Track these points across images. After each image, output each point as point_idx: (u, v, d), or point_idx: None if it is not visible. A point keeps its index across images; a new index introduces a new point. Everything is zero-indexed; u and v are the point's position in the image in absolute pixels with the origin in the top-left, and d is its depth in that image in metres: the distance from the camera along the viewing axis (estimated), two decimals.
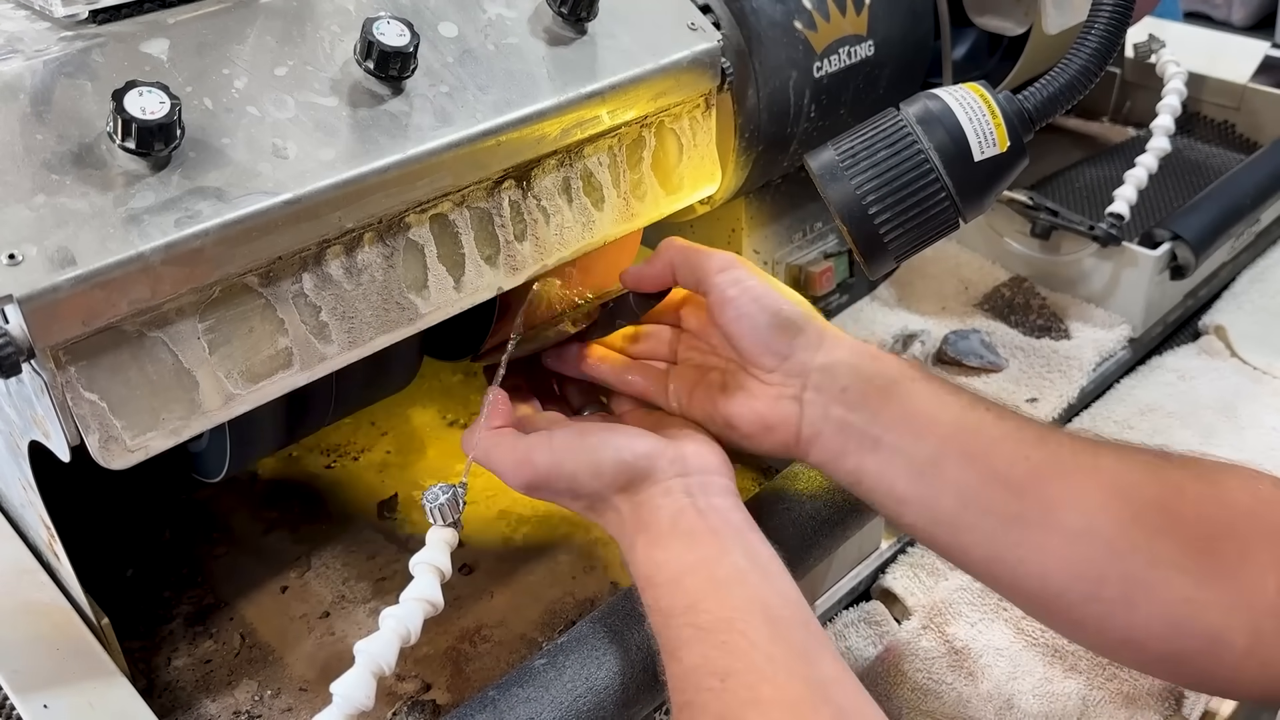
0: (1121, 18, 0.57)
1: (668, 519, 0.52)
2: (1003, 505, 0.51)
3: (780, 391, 0.57)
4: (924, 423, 0.54)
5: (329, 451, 0.78)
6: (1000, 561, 0.52)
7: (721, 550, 0.51)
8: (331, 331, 0.52)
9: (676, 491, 0.54)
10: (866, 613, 0.69)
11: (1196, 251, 0.90)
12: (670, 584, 0.50)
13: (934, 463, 0.53)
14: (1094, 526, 0.49)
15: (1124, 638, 0.49)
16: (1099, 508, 0.50)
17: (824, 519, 0.61)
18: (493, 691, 0.52)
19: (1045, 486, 0.51)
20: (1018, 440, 0.53)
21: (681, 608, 0.49)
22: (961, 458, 0.53)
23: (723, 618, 0.48)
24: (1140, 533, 0.49)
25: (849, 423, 0.55)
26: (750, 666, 0.46)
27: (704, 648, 0.47)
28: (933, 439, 0.53)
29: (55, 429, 0.46)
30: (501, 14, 0.59)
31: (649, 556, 0.52)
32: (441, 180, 0.54)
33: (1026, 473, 0.51)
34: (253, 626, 0.65)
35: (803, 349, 0.56)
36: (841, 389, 0.55)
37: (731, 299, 0.57)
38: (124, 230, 0.45)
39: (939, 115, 0.57)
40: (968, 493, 0.52)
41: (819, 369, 0.56)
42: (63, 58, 0.48)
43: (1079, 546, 0.49)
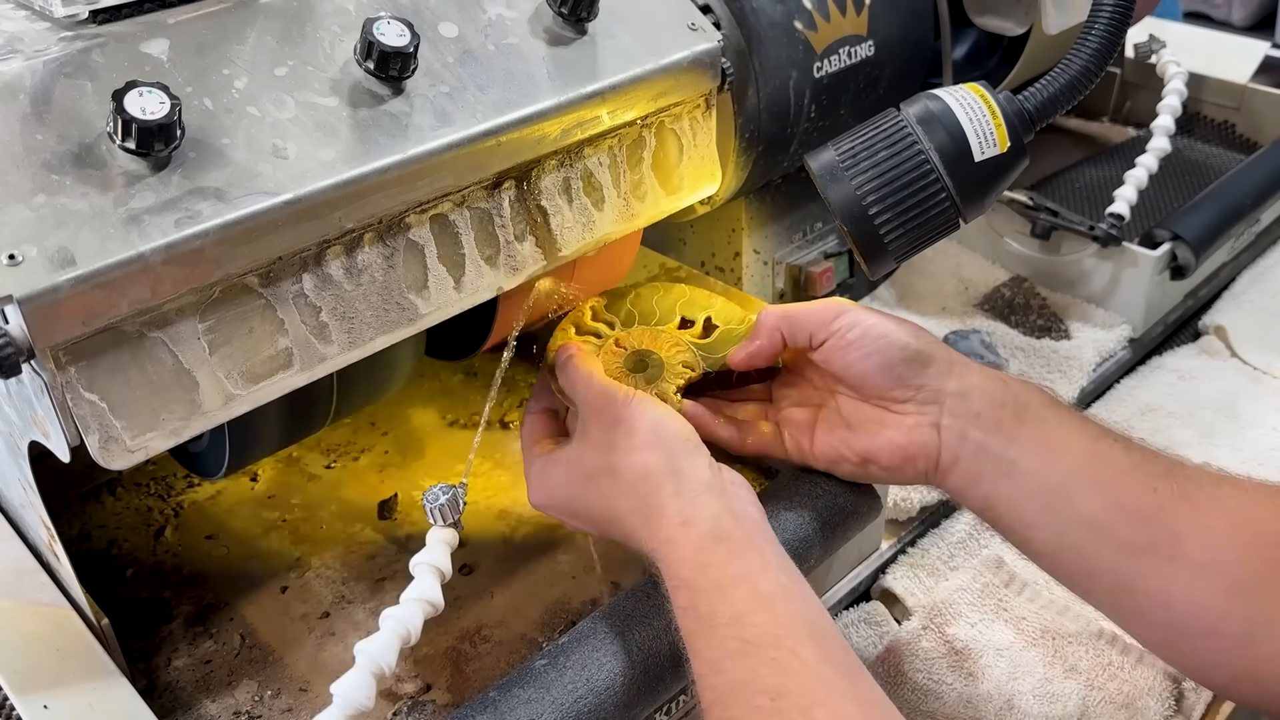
0: (1122, 18, 0.57)
1: (709, 517, 0.51)
2: (1130, 535, 0.51)
3: (917, 420, 0.57)
4: (1056, 448, 0.54)
5: (329, 451, 0.78)
6: (1125, 592, 0.52)
7: (764, 563, 0.50)
8: (331, 332, 0.52)
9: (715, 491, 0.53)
10: (866, 613, 0.69)
11: (1196, 251, 0.90)
12: (713, 590, 0.49)
13: (1064, 489, 0.53)
14: (1218, 560, 0.49)
15: (1244, 673, 0.49)
16: (1224, 541, 0.50)
17: (824, 519, 0.60)
18: (493, 692, 0.51)
19: (1171, 518, 0.51)
20: (1145, 471, 0.53)
21: (726, 618, 0.48)
22: (1091, 485, 0.53)
23: (771, 634, 0.47)
24: (1264, 568, 0.49)
25: (985, 446, 0.55)
26: (802, 688, 0.45)
27: (752, 663, 0.46)
28: (1064, 464, 0.53)
29: (55, 429, 0.46)
30: (501, 14, 0.59)
31: (691, 557, 0.51)
32: (441, 180, 0.54)
33: (1154, 504, 0.51)
34: (253, 626, 0.65)
35: (934, 377, 0.56)
36: (976, 414, 0.55)
37: (855, 341, 0.57)
38: (124, 230, 0.45)
39: (939, 115, 0.57)
40: (1095, 521, 0.52)
41: (953, 395, 0.56)
42: (63, 58, 0.48)
43: (1203, 579, 0.49)
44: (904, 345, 0.57)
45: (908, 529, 0.75)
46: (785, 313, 0.60)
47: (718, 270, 0.88)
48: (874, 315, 0.58)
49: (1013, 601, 0.68)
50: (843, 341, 0.58)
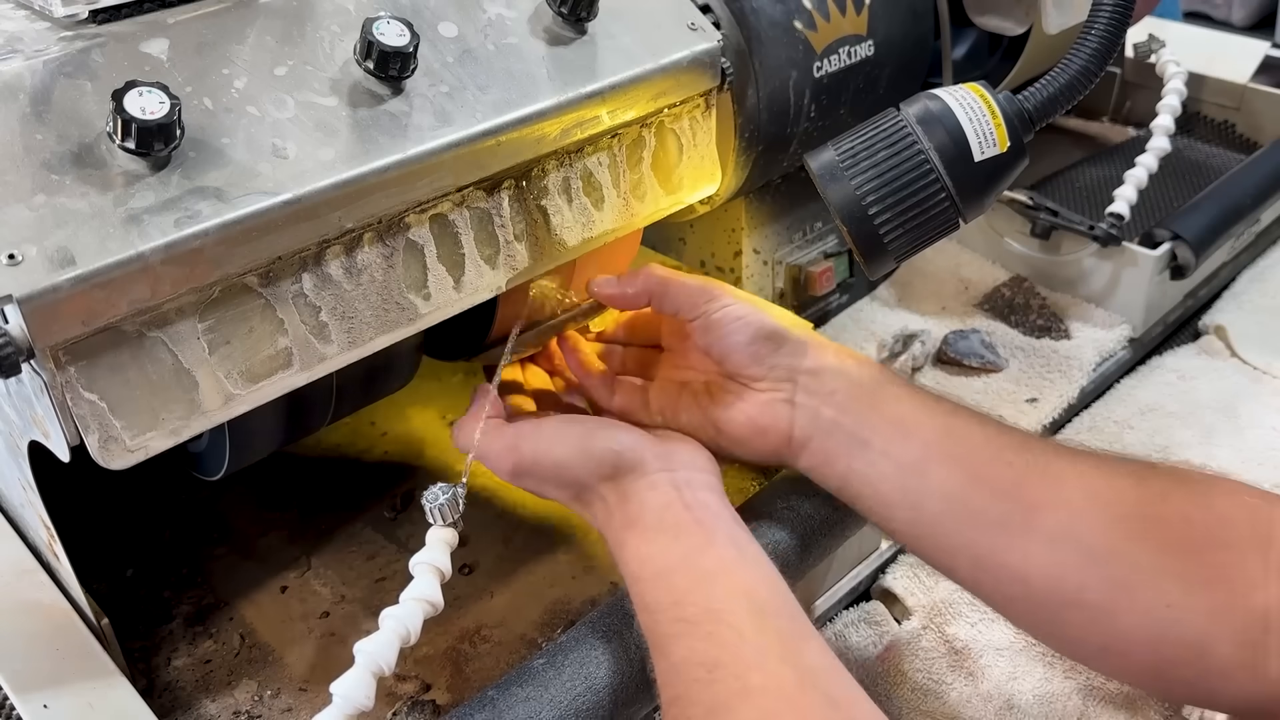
0: (1122, 18, 0.57)
1: (654, 512, 0.53)
2: (986, 509, 0.52)
3: (771, 396, 0.58)
4: (910, 426, 0.55)
5: (329, 451, 0.78)
6: (983, 566, 0.52)
7: (707, 541, 0.51)
8: (331, 331, 0.52)
9: (663, 485, 0.54)
10: (866, 613, 0.69)
11: (1196, 251, 0.90)
12: (655, 578, 0.50)
13: (919, 465, 0.54)
14: (1074, 531, 0.50)
15: (1105, 644, 0.49)
16: (1080, 512, 0.50)
17: (824, 519, 0.61)
18: (492, 691, 0.52)
19: (1027, 491, 0.51)
20: (1000, 445, 0.53)
21: (668, 603, 0.49)
22: (946, 461, 0.53)
23: (709, 609, 0.48)
24: (1122, 538, 0.49)
25: (839, 424, 0.56)
26: (738, 657, 0.46)
27: (691, 640, 0.47)
28: (918, 441, 0.54)
29: (55, 429, 0.46)
30: (501, 14, 0.59)
31: (635, 553, 0.52)
32: (441, 180, 0.54)
33: (1009, 477, 0.52)
34: (253, 626, 0.65)
35: (788, 355, 0.58)
36: (830, 392, 0.57)
37: (716, 322, 0.59)
38: (124, 230, 0.45)
39: (939, 115, 0.57)
40: (952, 496, 0.53)
41: (807, 372, 0.58)
42: (63, 58, 0.48)
43: (1059, 551, 0.50)
44: (759, 325, 0.59)
45: None
46: (665, 279, 0.62)
47: (718, 270, 0.88)
48: (741, 299, 0.60)
49: None
50: (707, 321, 0.60)
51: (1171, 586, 0.47)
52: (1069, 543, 0.50)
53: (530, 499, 0.73)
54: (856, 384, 0.57)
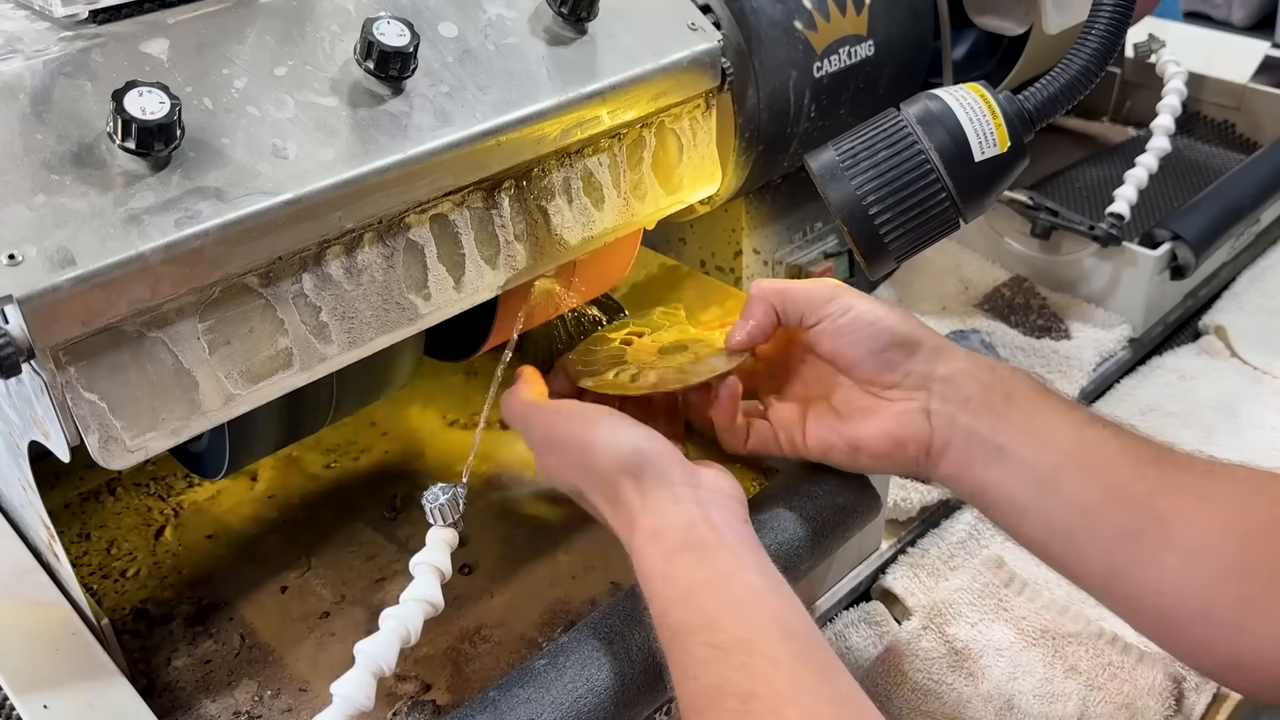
0: (1122, 18, 0.57)
1: (679, 529, 0.51)
2: (1120, 520, 0.51)
3: (906, 406, 0.57)
4: (1046, 433, 0.54)
5: (329, 451, 0.78)
6: (1115, 577, 0.52)
7: (737, 567, 0.50)
8: (331, 332, 0.52)
9: (687, 500, 0.52)
10: (866, 613, 0.69)
11: (1196, 251, 0.90)
12: (683, 599, 0.49)
13: (1055, 474, 0.53)
14: (1209, 546, 0.49)
15: (1232, 660, 0.49)
16: (1214, 528, 0.50)
17: (824, 519, 0.60)
18: (493, 692, 0.51)
19: (1162, 504, 0.51)
20: (1135, 457, 0.53)
21: (696, 625, 0.48)
22: (1081, 470, 0.53)
23: (741, 638, 0.47)
24: (1254, 553, 0.49)
25: (975, 431, 0.55)
26: (773, 690, 0.45)
27: (723, 669, 0.46)
28: (1054, 450, 0.53)
29: (55, 429, 0.46)
30: (501, 14, 0.59)
31: (660, 568, 0.50)
32: (441, 180, 0.53)
33: (1144, 490, 0.51)
34: (253, 626, 0.65)
35: (923, 362, 0.56)
36: (965, 398, 0.55)
37: (844, 327, 0.57)
38: (124, 230, 0.45)
39: (939, 115, 0.57)
40: (1086, 506, 0.52)
41: (941, 379, 0.56)
42: (63, 58, 0.48)
43: (1193, 565, 0.49)
44: (893, 330, 0.57)
45: (908, 529, 0.74)
46: (780, 288, 0.60)
47: (718, 270, 0.88)
48: (866, 300, 0.58)
49: (1013, 601, 0.68)
50: (834, 325, 0.58)
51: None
52: (1203, 558, 0.49)
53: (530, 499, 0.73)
54: (990, 389, 0.55)
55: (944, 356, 0.57)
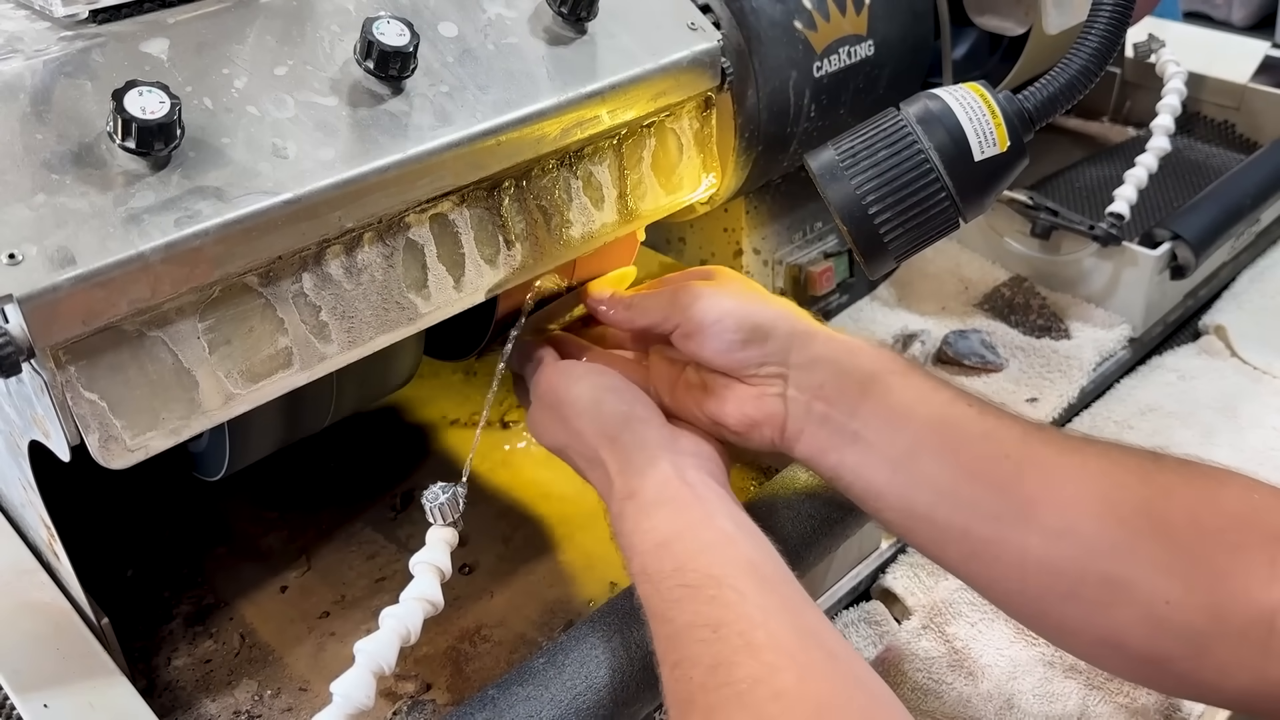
0: (1121, 18, 0.57)
1: (654, 486, 0.53)
2: (980, 502, 0.51)
3: (763, 390, 0.58)
4: (900, 417, 0.54)
5: (329, 451, 0.78)
6: (977, 559, 0.52)
7: (707, 514, 0.51)
8: (331, 331, 0.52)
9: (663, 463, 0.54)
10: (866, 613, 0.69)
11: (1196, 251, 0.90)
12: (657, 549, 0.50)
13: (910, 457, 0.53)
14: (1073, 526, 0.49)
15: (1102, 637, 0.49)
16: (1079, 508, 0.49)
17: (824, 519, 0.61)
18: (493, 690, 0.52)
19: (1024, 485, 0.51)
20: (999, 438, 0.52)
21: (669, 569, 0.49)
22: (938, 453, 0.53)
23: (711, 575, 0.48)
24: (1122, 533, 0.48)
25: (829, 417, 0.56)
26: (741, 615, 0.46)
27: (694, 604, 0.47)
28: (909, 433, 0.54)
29: (55, 429, 0.46)
30: (501, 14, 0.59)
31: (636, 524, 0.52)
32: (441, 180, 0.54)
33: (1006, 471, 0.51)
34: (253, 626, 0.65)
35: (777, 350, 0.57)
36: (819, 385, 0.56)
37: (695, 329, 0.59)
38: (124, 230, 0.45)
39: (939, 115, 0.57)
40: (944, 488, 0.52)
41: (796, 367, 0.57)
42: (63, 58, 0.48)
43: (1057, 546, 0.49)
44: (737, 329, 0.58)
45: None
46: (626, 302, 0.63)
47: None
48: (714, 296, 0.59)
49: None
50: (685, 329, 0.59)
51: (1172, 584, 0.47)
52: (1067, 538, 0.49)
53: (530, 498, 0.74)
54: (847, 375, 0.56)
55: (799, 343, 0.57)
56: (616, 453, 0.55)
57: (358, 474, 0.76)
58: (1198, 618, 0.46)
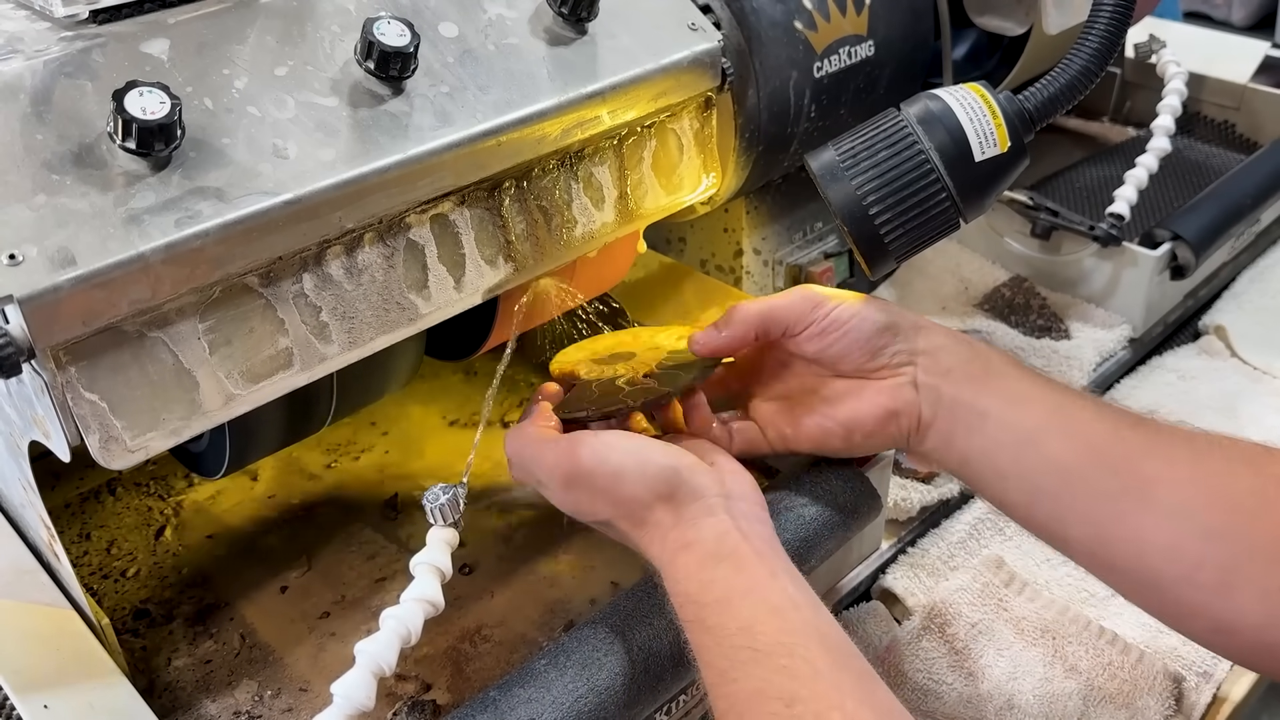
0: (1122, 18, 0.57)
1: (713, 538, 0.51)
2: (1101, 482, 0.52)
3: (895, 381, 0.59)
4: (1024, 398, 0.56)
5: (329, 451, 0.78)
6: (1098, 540, 0.53)
7: (771, 575, 0.50)
8: (332, 331, 0.52)
9: (720, 511, 0.52)
10: (866, 612, 0.69)
11: (1197, 251, 0.90)
12: (720, 604, 0.49)
13: (1035, 437, 0.54)
14: (1192, 509, 0.50)
15: (1218, 625, 0.50)
16: (1198, 492, 0.50)
17: (825, 519, 0.60)
18: (493, 692, 0.51)
19: (1144, 466, 0.52)
20: (1114, 421, 0.54)
21: (735, 629, 0.48)
22: (1061, 433, 0.54)
23: (781, 642, 0.47)
24: (1239, 519, 0.49)
25: (959, 400, 0.57)
26: (816, 693, 0.45)
27: (764, 671, 0.46)
28: (1034, 414, 0.55)
29: (55, 429, 0.46)
30: (501, 14, 0.59)
31: (695, 576, 0.50)
32: (442, 180, 0.53)
33: (1123, 452, 0.52)
34: (253, 626, 0.65)
35: (904, 341, 0.59)
36: (947, 369, 0.57)
37: (829, 327, 0.59)
38: (124, 230, 0.45)
39: (939, 115, 0.57)
40: (1068, 468, 0.53)
41: (924, 353, 0.58)
42: (63, 58, 0.48)
43: (1176, 526, 0.50)
44: (873, 320, 0.59)
45: (908, 529, 0.75)
46: (764, 311, 0.61)
47: (718, 270, 0.88)
48: (839, 297, 0.60)
49: (1013, 601, 0.68)
50: (818, 329, 0.59)
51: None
52: (1186, 519, 0.50)
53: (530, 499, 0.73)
54: (970, 360, 0.58)
55: (923, 333, 0.59)
56: (674, 507, 0.53)
57: (358, 474, 0.76)
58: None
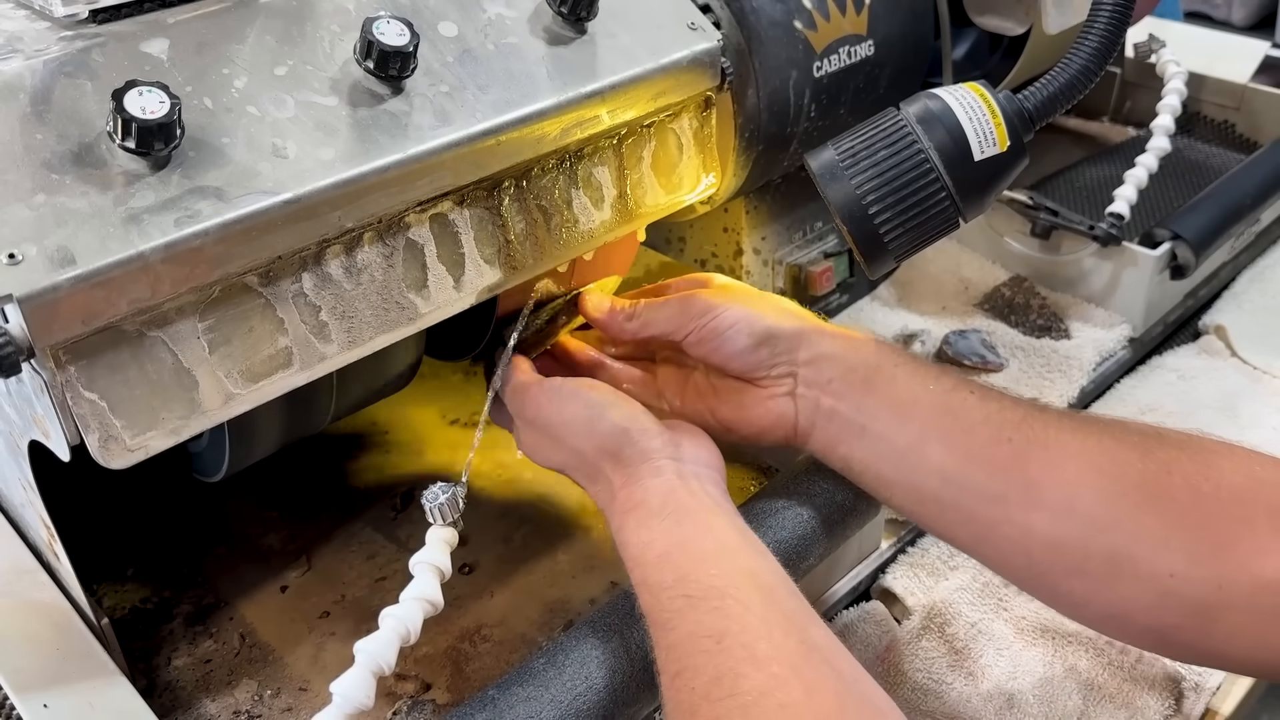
0: (1121, 18, 0.57)
1: (658, 498, 0.53)
2: (984, 485, 0.53)
3: (773, 392, 0.59)
4: (905, 406, 0.56)
5: (329, 451, 0.78)
6: (984, 539, 0.54)
7: (709, 525, 0.52)
8: (331, 331, 0.52)
9: (668, 473, 0.54)
10: (866, 613, 0.69)
11: (1196, 251, 0.90)
12: (659, 559, 0.51)
13: (915, 446, 0.55)
14: (1076, 504, 0.50)
15: (1109, 612, 0.51)
16: (1082, 485, 0.51)
17: (824, 519, 0.61)
18: (493, 691, 0.51)
19: (1027, 466, 0.52)
20: (1000, 422, 0.54)
21: (671, 580, 0.49)
22: (942, 440, 0.54)
23: (714, 586, 0.48)
24: (1125, 509, 0.50)
25: (837, 412, 0.57)
26: (745, 627, 0.46)
27: (697, 614, 0.47)
28: (914, 423, 0.55)
29: (55, 428, 0.46)
30: (501, 13, 0.59)
31: (637, 536, 0.52)
32: (441, 180, 0.54)
33: (1009, 453, 0.53)
34: (253, 626, 0.65)
35: (785, 351, 0.59)
36: (827, 381, 0.58)
37: (708, 335, 0.60)
38: (124, 230, 0.45)
39: (939, 115, 0.57)
40: (949, 474, 0.54)
41: (805, 364, 0.59)
42: (63, 57, 0.48)
43: (1061, 524, 0.51)
44: (750, 333, 0.59)
45: (907, 528, 0.74)
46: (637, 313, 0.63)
47: (718, 270, 0.88)
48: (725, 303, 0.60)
49: (1013, 601, 0.68)
50: (695, 338, 0.60)
51: (1175, 557, 0.48)
52: (1071, 516, 0.50)
53: (530, 499, 0.74)
54: (852, 369, 0.58)
55: (805, 343, 0.59)
56: (620, 467, 0.55)
57: (358, 474, 0.76)
58: (1202, 589, 0.47)
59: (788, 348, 0.59)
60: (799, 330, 0.59)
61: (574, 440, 0.56)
